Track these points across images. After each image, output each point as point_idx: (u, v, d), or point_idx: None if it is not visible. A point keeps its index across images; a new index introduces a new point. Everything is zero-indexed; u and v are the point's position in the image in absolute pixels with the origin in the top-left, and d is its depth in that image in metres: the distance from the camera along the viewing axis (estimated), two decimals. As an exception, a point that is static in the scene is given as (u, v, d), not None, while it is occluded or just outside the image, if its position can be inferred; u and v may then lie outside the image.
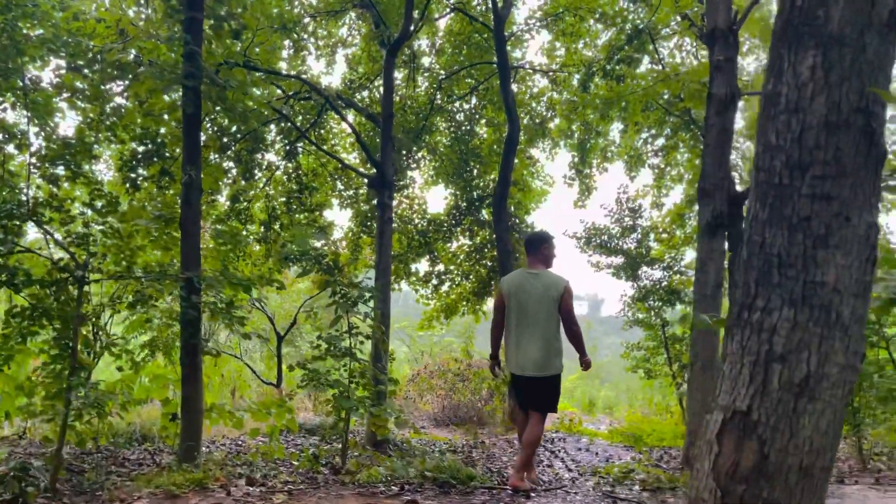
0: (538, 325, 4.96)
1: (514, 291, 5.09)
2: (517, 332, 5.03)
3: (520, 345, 5.02)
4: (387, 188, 7.90)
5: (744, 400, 1.70)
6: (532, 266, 5.25)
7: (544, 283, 5.04)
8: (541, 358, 4.97)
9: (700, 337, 6.76)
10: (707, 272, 6.81)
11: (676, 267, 13.30)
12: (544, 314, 4.97)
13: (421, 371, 12.97)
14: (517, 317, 5.04)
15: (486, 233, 11.95)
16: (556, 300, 5.02)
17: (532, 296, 5.00)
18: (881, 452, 7.65)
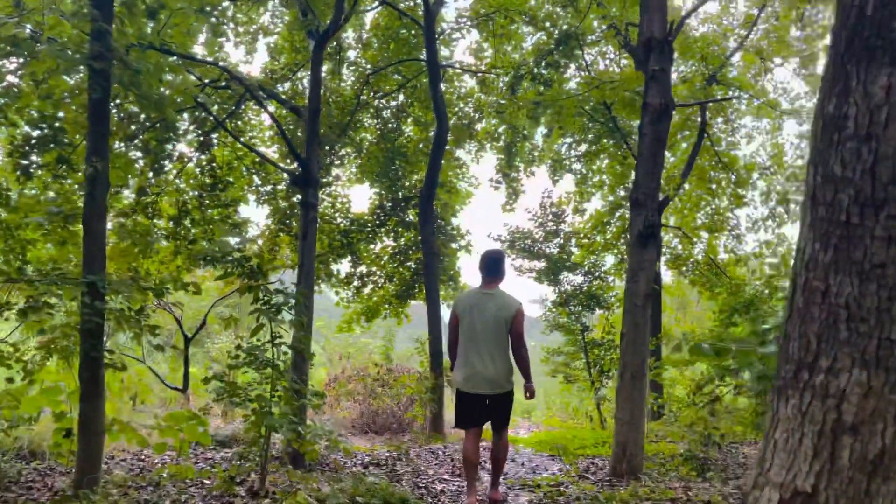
0: (489, 345, 5.00)
1: (467, 311, 5.10)
2: (468, 352, 5.04)
3: (471, 364, 5.02)
4: (311, 186, 7.51)
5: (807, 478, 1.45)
6: (487, 286, 5.22)
7: (497, 304, 5.06)
8: (494, 376, 5.02)
9: (630, 346, 6.78)
10: (638, 282, 6.83)
11: (597, 273, 13.52)
12: (495, 335, 5.01)
13: (338, 375, 12.57)
14: (469, 336, 5.05)
15: (411, 234, 11.71)
16: (508, 322, 5.05)
17: (484, 316, 5.03)
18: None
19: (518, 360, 5.20)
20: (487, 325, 5.00)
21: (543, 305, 13.51)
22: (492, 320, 5.01)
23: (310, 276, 7.43)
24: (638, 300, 6.82)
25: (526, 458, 8.04)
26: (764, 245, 14.92)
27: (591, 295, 13.08)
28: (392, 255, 11.76)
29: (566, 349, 13.36)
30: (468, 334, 5.05)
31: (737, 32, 15.00)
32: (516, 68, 11.43)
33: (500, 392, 5.07)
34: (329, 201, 11.29)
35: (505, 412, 5.20)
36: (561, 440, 10.23)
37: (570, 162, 13.63)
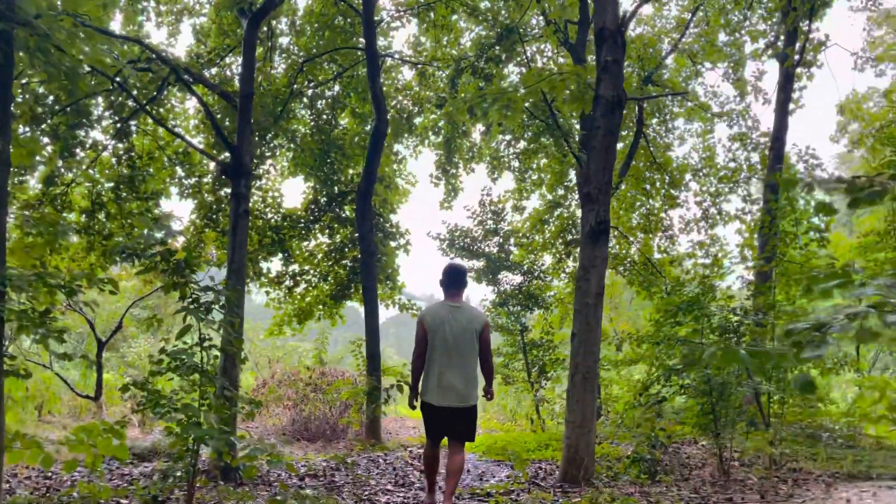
0: (462, 358, 5.08)
1: (437, 324, 5.12)
2: (441, 365, 5.07)
3: (444, 377, 5.05)
4: (243, 176, 6.99)
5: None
6: (453, 299, 5.28)
7: (467, 317, 5.16)
8: (464, 389, 5.08)
9: (581, 346, 6.59)
10: (590, 280, 6.64)
11: (536, 272, 13.41)
12: (468, 347, 5.10)
13: (267, 380, 11.97)
14: (441, 349, 5.08)
15: (347, 231, 11.24)
16: (478, 333, 5.17)
17: (456, 329, 5.09)
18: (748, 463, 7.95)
19: (486, 369, 5.34)
20: (460, 337, 5.08)
21: (482, 306, 13.30)
22: (463, 333, 5.09)
23: (240, 273, 6.91)
24: (590, 299, 6.64)
25: (471, 464, 7.75)
26: (697, 246, 15.19)
27: (529, 294, 12.96)
28: (327, 253, 11.26)
29: (505, 350, 13.18)
30: (441, 348, 5.07)
31: (670, 35, 15.23)
32: (457, 61, 11.16)
33: (469, 405, 5.14)
34: (259, 195, 10.69)
35: (471, 425, 5.27)
36: (503, 444, 10.02)
37: (508, 159, 13.47)
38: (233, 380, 6.57)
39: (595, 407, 6.61)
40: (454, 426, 5.16)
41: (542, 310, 13.28)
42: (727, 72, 15.96)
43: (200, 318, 4.93)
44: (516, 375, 13.11)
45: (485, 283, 13.00)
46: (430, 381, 5.11)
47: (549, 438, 10.23)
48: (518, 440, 10.10)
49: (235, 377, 6.61)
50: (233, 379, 6.57)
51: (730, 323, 7.99)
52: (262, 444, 4.45)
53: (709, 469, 8.06)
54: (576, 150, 12.11)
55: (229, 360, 6.28)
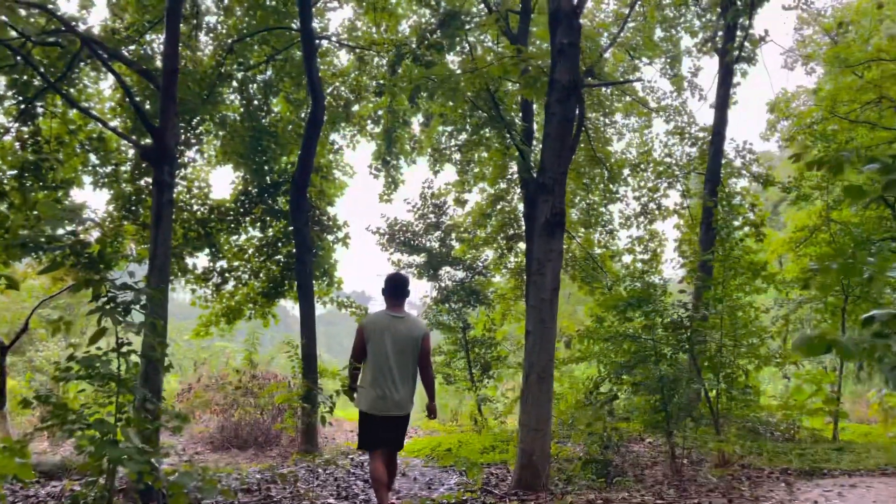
0: (402, 367, 5.10)
1: (378, 333, 5.12)
2: (379, 374, 5.06)
3: (382, 385, 5.05)
4: (167, 162, 6.33)
5: None
6: (395, 308, 5.28)
7: (408, 327, 5.19)
8: (403, 399, 5.12)
9: (536, 345, 6.27)
10: (545, 275, 6.33)
11: (478, 268, 13.10)
12: (408, 357, 5.13)
13: (193, 384, 11.20)
14: (380, 358, 5.07)
15: (281, 224, 10.60)
16: (419, 344, 5.19)
17: (397, 339, 5.10)
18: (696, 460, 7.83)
19: (426, 381, 5.37)
20: (400, 347, 5.10)
21: (423, 302, 12.90)
22: (403, 343, 5.11)
23: (164, 269, 6.27)
24: (545, 294, 6.33)
25: (417, 470, 7.34)
26: (636, 241, 15.24)
27: (471, 291, 12.64)
28: (259, 247, 10.58)
29: (447, 348, 12.82)
30: (380, 357, 5.07)
31: (609, 29, 15.20)
32: (398, 47, 10.69)
33: (404, 413, 5.21)
34: (184, 185, 9.91)
35: (403, 433, 5.35)
36: (447, 446, 9.65)
37: (450, 152, 13.09)
38: (156, 388, 5.94)
39: (551, 409, 6.30)
40: (388, 435, 5.16)
41: (485, 306, 12.99)
42: (664, 68, 16.10)
43: (118, 319, 4.32)
44: (458, 374, 12.77)
45: (426, 278, 12.60)
46: (370, 392, 5.09)
47: (494, 440, 9.93)
48: (463, 442, 9.76)
49: (159, 385, 5.97)
50: (156, 387, 5.94)
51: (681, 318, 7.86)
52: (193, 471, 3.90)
53: (659, 468, 7.93)
54: (518, 143, 11.88)
55: (152, 366, 5.66)
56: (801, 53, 16.33)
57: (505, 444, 9.62)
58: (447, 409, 14.12)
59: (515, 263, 14.49)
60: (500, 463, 7.88)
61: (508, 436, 10.39)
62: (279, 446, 10.02)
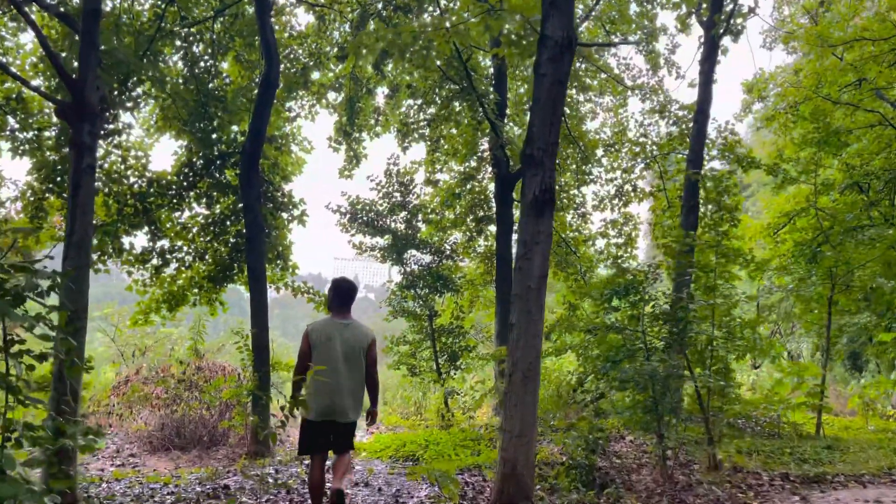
0: (348, 374, 5.09)
1: (323, 341, 5.10)
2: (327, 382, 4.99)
3: (327, 394, 5.01)
4: (87, 120, 5.35)
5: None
6: (341, 315, 5.28)
7: (354, 334, 5.18)
8: (349, 406, 5.10)
9: (521, 339, 5.50)
10: (532, 260, 5.56)
11: (446, 251, 12.30)
12: (354, 364, 5.12)
13: (131, 377, 10.18)
14: (327, 365, 5.00)
15: (230, 200, 9.59)
16: (365, 350, 5.20)
17: (343, 346, 5.11)
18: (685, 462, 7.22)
19: (370, 386, 5.32)
20: (345, 354, 5.09)
21: (387, 288, 12.06)
22: (349, 350, 5.11)
23: (84, 247, 5.31)
24: (532, 282, 5.56)
25: (382, 479, 6.53)
26: (610, 224, 14.62)
27: (439, 276, 11.84)
28: (204, 226, 9.55)
29: (412, 337, 12.02)
30: (327, 363, 5.00)
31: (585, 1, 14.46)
32: (363, 6, 9.74)
33: (350, 420, 5.17)
34: (118, 155, 8.81)
35: (350, 437, 5.28)
36: (413, 447, 8.88)
37: (417, 126, 12.20)
38: (71, 393, 4.99)
39: (536, 413, 5.56)
40: (334, 440, 5.13)
41: (452, 293, 12.21)
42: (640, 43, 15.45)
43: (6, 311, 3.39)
44: (423, 365, 11.99)
45: (390, 262, 11.75)
46: (315, 399, 5.03)
47: (464, 438, 9.19)
48: (430, 441, 8.99)
49: (76, 389, 5.03)
50: (72, 392, 4.99)
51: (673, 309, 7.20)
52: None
53: (647, 471, 7.30)
54: (491, 116, 11.06)
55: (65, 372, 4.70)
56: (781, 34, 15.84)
57: (476, 444, 8.89)
58: (411, 403, 13.34)
59: (485, 247, 13.73)
60: (474, 468, 7.14)
61: (479, 433, 9.67)
62: (226, 446, 9.11)
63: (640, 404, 6.98)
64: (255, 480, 6.23)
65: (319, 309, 10.34)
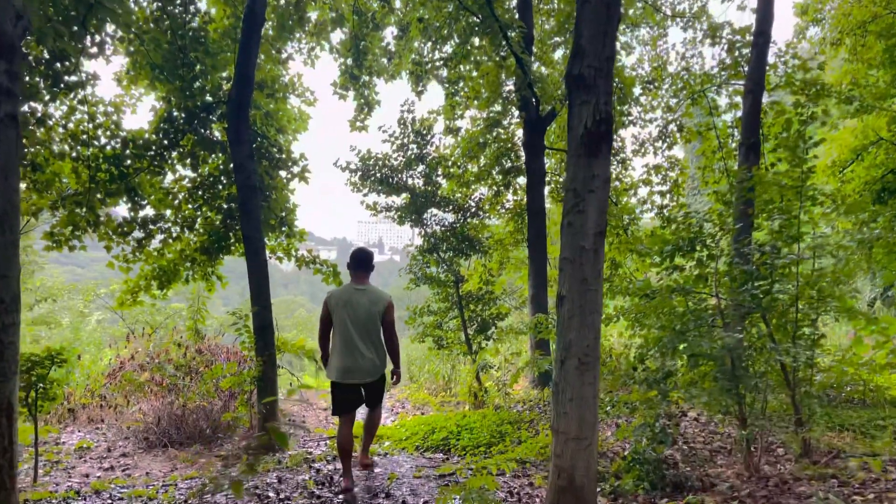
0: (366, 337, 5.46)
1: (340, 306, 5.49)
2: (344, 344, 5.45)
3: (347, 357, 5.43)
4: (2, 56, 4.18)
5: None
6: (359, 281, 5.65)
7: (370, 299, 5.51)
8: (368, 366, 5.47)
9: (574, 315, 4.33)
10: (585, 212, 4.34)
11: (470, 209, 11.08)
12: (371, 327, 5.47)
13: (125, 363, 9.22)
14: (344, 330, 5.45)
15: (219, 160, 8.43)
16: (381, 314, 5.53)
17: (358, 311, 5.46)
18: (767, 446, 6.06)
19: (390, 350, 5.71)
20: (361, 319, 5.45)
21: (407, 252, 10.90)
22: (365, 314, 5.46)
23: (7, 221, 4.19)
24: (586, 240, 4.36)
25: (407, 485, 5.46)
26: (653, 170, 13.24)
27: (463, 237, 10.64)
28: (191, 190, 8.43)
29: (437, 306, 10.89)
30: (343, 329, 5.46)
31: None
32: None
33: (372, 380, 5.55)
34: (85, 113, 7.66)
35: (379, 394, 5.75)
36: (442, 433, 7.82)
37: (433, 67, 10.87)
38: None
39: (597, 409, 4.40)
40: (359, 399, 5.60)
41: (479, 255, 11.01)
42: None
43: None
44: (451, 336, 10.88)
45: (408, 224, 10.56)
46: (337, 362, 5.50)
47: (501, 421, 8.11)
48: (463, 426, 7.92)
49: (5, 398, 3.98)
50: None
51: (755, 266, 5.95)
52: None
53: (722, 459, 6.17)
54: (517, 49, 9.70)
55: None
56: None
57: (515, 429, 7.81)
58: (438, 378, 12.29)
59: (514, 202, 12.48)
60: (517, 463, 6.05)
61: (517, 413, 8.58)
62: (232, 439, 8.14)
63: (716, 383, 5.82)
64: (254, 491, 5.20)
65: (328, 281, 9.25)
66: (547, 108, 10.86)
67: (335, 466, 6.07)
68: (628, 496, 5.10)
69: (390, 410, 10.77)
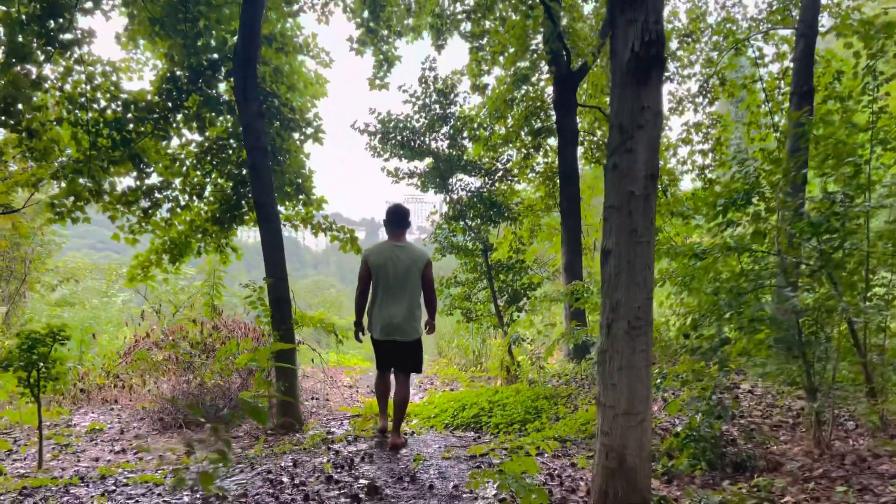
0: (405, 295, 5.42)
1: (382, 263, 5.43)
2: (384, 302, 5.42)
3: (387, 313, 5.39)
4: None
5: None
6: (397, 238, 5.57)
7: (410, 256, 5.47)
8: (407, 325, 5.44)
9: (622, 272, 3.76)
10: (634, 152, 3.75)
11: (498, 172, 10.47)
12: (411, 285, 5.44)
13: (140, 341, 8.86)
14: (385, 287, 5.42)
15: (227, 122, 7.94)
16: (421, 271, 5.49)
17: (400, 268, 5.42)
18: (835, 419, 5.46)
19: (428, 304, 5.65)
20: (403, 276, 5.42)
21: (432, 220, 10.36)
22: (406, 271, 5.43)
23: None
24: (636, 185, 3.78)
25: (434, 468, 4.96)
26: (693, 128, 12.47)
27: (491, 203, 10.05)
28: (199, 155, 7.95)
29: (464, 276, 10.36)
30: (384, 286, 5.43)
31: None
32: None
33: (412, 339, 5.50)
34: (81, 73, 7.18)
35: (416, 358, 5.62)
36: (473, 409, 7.33)
37: (455, 21, 10.22)
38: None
39: (650, 380, 3.83)
40: (399, 359, 5.53)
41: (509, 222, 10.43)
42: None
43: None
44: (480, 308, 10.35)
45: (433, 190, 10.01)
46: (374, 318, 5.47)
47: (535, 396, 7.59)
48: (495, 402, 7.41)
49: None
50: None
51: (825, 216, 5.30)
52: None
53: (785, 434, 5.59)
54: (547, -2, 9.03)
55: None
56: None
57: (552, 404, 7.28)
58: (468, 352, 11.78)
59: (545, 165, 11.83)
60: (557, 442, 5.52)
61: (553, 388, 8.05)
62: (249, 420, 7.73)
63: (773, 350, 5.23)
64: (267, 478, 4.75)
65: (346, 250, 8.75)
66: (578, 63, 10.17)
67: (356, 448, 5.61)
68: (684, 477, 4.55)
69: (418, 387, 10.32)
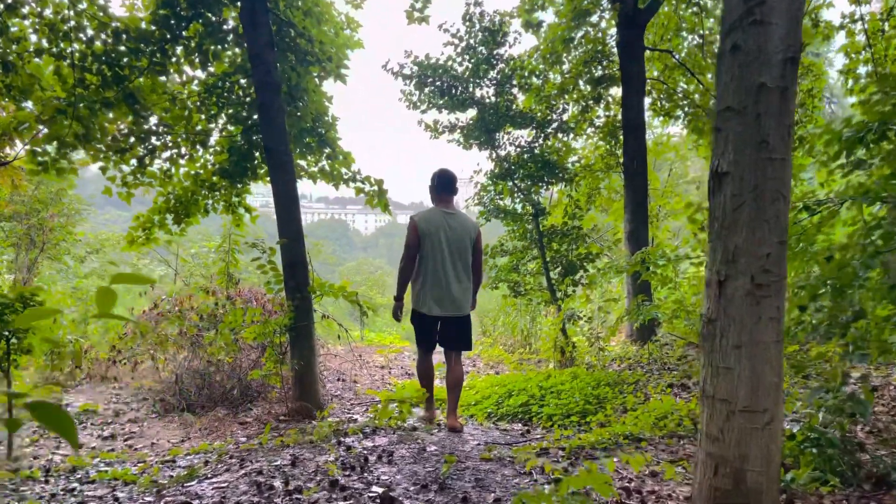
0: (457, 266, 5.13)
1: (433, 231, 5.11)
2: (435, 272, 5.10)
3: (439, 285, 5.09)
4: None
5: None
6: (446, 205, 5.28)
7: (462, 224, 5.18)
8: (460, 298, 5.14)
9: (748, 203, 2.61)
10: (765, 24, 2.63)
11: (551, 125, 9.26)
12: (464, 255, 5.15)
13: (147, 313, 8.02)
14: (436, 256, 5.10)
15: (237, 56, 6.93)
16: (472, 240, 5.21)
17: (451, 236, 5.13)
18: None
19: (475, 279, 5.30)
20: (455, 246, 5.12)
21: (473, 182, 9.24)
22: (458, 240, 5.13)
23: None
24: (766, 72, 2.69)
25: (470, 469, 3.89)
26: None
27: (543, 161, 8.87)
28: (202, 95, 6.97)
29: (512, 244, 9.22)
30: (437, 255, 5.09)
31: None
32: None
33: (464, 314, 5.21)
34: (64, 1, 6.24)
35: (468, 335, 5.29)
36: (521, 396, 6.24)
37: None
38: None
39: (781, 364, 2.66)
40: (450, 336, 5.21)
41: (564, 184, 9.23)
42: None
43: None
44: (529, 281, 9.21)
45: (476, 146, 8.87)
46: (424, 291, 5.13)
47: (596, 382, 6.44)
48: (545, 388, 6.30)
49: None
50: None
51: None
52: None
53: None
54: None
55: None
56: None
57: (616, 392, 6.13)
58: (516, 331, 10.66)
59: (606, 119, 10.55)
60: (628, 439, 4.40)
61: (616, 374, 6.89)
62: (264, 401, 6.81)
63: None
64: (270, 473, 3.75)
65: (372, 205, 7.72)
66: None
67: (374, 443, 4.57)
68: (809, 497, 3.39)
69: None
